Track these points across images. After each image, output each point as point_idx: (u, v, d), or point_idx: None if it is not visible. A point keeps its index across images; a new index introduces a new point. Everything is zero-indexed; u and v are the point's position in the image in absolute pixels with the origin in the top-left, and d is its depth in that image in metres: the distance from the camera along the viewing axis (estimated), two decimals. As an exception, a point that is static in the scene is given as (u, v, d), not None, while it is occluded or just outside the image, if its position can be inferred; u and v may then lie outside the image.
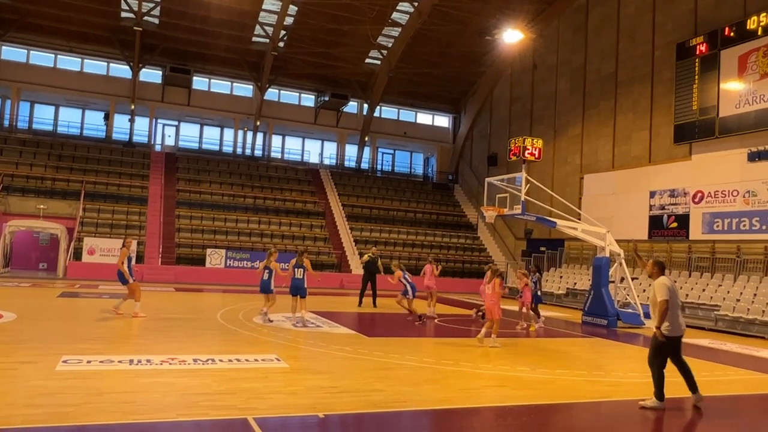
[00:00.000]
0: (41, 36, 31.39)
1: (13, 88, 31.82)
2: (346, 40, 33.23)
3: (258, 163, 35.56)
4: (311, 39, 32.91)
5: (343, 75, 35.87)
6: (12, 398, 6.36)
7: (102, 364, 8.10)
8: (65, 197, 27.58)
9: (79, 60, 33.29)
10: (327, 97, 35.93)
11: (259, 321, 13.61)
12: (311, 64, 34.73)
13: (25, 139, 31.05)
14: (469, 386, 8.20)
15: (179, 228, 28.25)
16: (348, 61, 34.95)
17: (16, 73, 31.73)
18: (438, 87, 37.82)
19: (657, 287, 7.39)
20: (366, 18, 31.34)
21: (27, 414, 5.75)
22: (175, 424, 5.81)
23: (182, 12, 30.49)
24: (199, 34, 31.85)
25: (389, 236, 32.14)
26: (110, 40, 31.88)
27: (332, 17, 31.34)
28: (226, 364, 8.65)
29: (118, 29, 31.32)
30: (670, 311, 7.25)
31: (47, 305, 14.96)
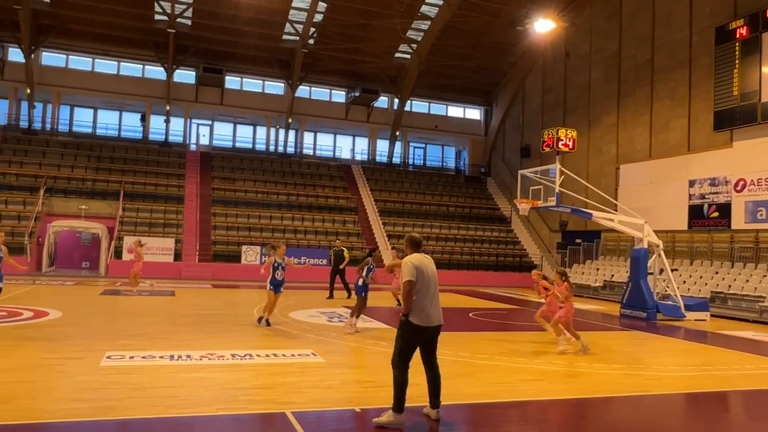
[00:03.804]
0: (79, 41, 32.21)
1: (53, 93, 32.76)
2: (375, 35, 33.22)
3: (290, 160, 35.88)
4: (341, 35, 32.99)
5: (373, 70, 35.87)
6: (59, 393, 6.59)
7: (144, 360, 8.31)
8: (105, 197, 28.31)
9: (115, 63, 34.08)
10: (357, 92, 36.01)
11: (306, 319, 13.73)
12: (341, 60, 34.82)
13: (66, 141, 31.95)
14: (505, 380, 8.15)
15: (215, 226, 28.72)
16: (378, 56, 34.93)
17: (56, 77, 32.66)
18: (469, 79, 37.51)
19: (402, 266, 6.08)
20: (395, 12, 31.26)
21: (74, 408, 5.95)
22: (216, 418, 5.93)
23: (214, 12, 30.90)
24: (231, 33, 32.25)
25: (422, 230, 32.06)
26: (145, 43, 32.53)
27: (361, 12, 31.37)
28: (264, 359, 8.78)
29: (152, 32, 31.93)
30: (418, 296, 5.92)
31: (90, 303, 15.40)
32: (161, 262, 25.57)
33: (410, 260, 6.06)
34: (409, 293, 5.89)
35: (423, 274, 6.00)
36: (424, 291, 5.97)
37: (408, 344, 5.95)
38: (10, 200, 26.75)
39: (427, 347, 6.11)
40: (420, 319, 5.91)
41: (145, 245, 25.66)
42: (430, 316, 5.99)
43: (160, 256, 25.79)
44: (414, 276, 5.92)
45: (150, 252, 25.77)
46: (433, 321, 6.01)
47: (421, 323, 5.91)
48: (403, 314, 5.95)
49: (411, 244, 6.31)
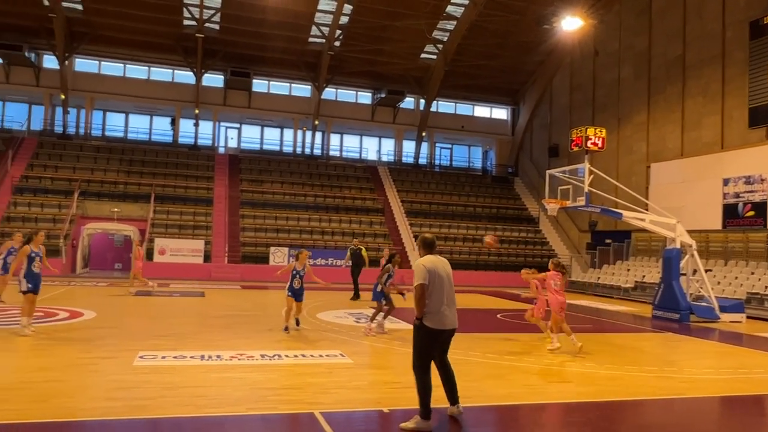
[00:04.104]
0: (111, 47, 32.92)
1: (87, 98, 33.55)
2: (401, 36, 33.23)
3: (317, 161, 36.11)
4: (366, 37, 33.10)
5: (398, 71, 35.90)
6: (94, 392, 6.74)
7: (175, 360, 8.45)
8: (136, 200, 28.86)
9: (146, 68, 34.75)
10: (383, 93, 36.07)
11: (332, 320, 13.80)
12: (367, 61, 34.93)
13: (99, 146, 32.67)
14: (534, 382, 8.08)
15: (243, 227, 29.05)
16: (403, 57, 34.94)
17: (89, 83, 33.44)
18: (495, 79, 37.26)
19: (414, 269, 5.94)
20: (420, 13, 31.27)
21: (108, 407, 6.08)
22: (246, 417, 6.00)
23: (241, 17, 31.29)
24: (258, 37, 32.61)
25: (449, 231, 31.98)
26: (174, 48, 33.09)
27: (387, 14, 31.42)
28: (292, 359, 8.85)
29: (181, 37, 32.47)
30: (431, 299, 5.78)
31: (123, 303, 15.71)
32: (191, 264, 25.98)
33: (422, 262, 5.88)
34: (422, 296, 5.72)
35: (436, 277, 5.82)
36: (438, 293, 5.81)
37: (425, 349, 5.83)
38: (45, 204, 27.47)
39: (440, 350, 6.01)
40: (434, 323, 5.77)
41: (174, 245, 26.13)
42: (445, 319, 5.84)
43: (190, 257, 26.21)
44: (426, 279, 5.75)
45: (180, 254, 26.24)
46: (447, 324, 5.87)
47: (435, 326, 5.77)
48: (416, 318, 5.80)
49: (423, 245, 6.12)
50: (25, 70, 32.23)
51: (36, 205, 27.34)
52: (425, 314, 5.75)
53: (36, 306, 10.61)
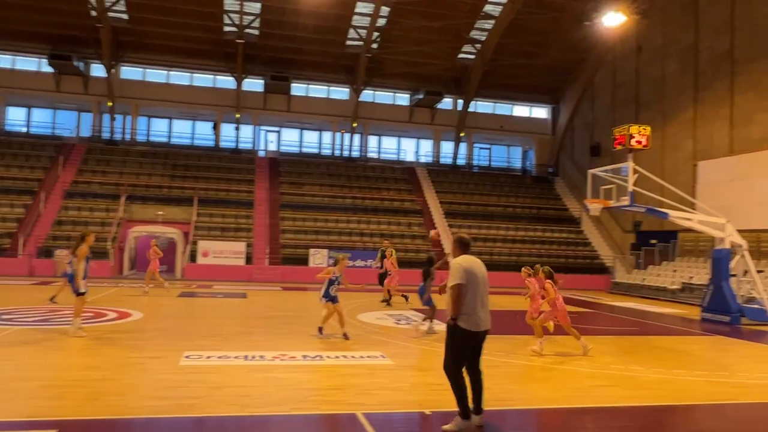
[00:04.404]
0: (155, 55, 33.80)
1: (132, 105, 34.52)
2: (438, 36, 33.12)
3: (356, 163, 36.29)
4: (404, 38, 33.10)
5: (436, 72, 35.78)
6: (142, 390, 6.93)
7: (220, 360, 8.61)
8: (180, 203, 29.53)
9: (188, 75, 35.57)
10: (421, 95, 36.01)
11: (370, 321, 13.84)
12: (404, 63, 34.93)
13: (144, 151, 33.58)
14: (579, 385, 7.92)
15: (284, 229, 29.40)
16: (441, 57, 34.81)
17: (134, 90, 34.40)
18: (535, 78, 36.77)
19: (451, 269, 5.85)
20: (458, 13, 31.12)
21: (156, 405, 6.23)
22: (290, 417, 6.07)
23: (280, 22, 31.71)
24: (296, 41, 32.99)
25: (488, 232, 31.68)
26: (215, 54, 33.75)
27: (424, 15, 31.37)
28: (334, 360, 8.91)
29: (222, 43, 33.10)
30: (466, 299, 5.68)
31: (169, 304, 16.09)
32: (233, 266, 26.43)
33: (460, 262, 5.81)
34: (459, 297, 5.65)
35: (473, 277, 5.75)
36: (474, 294, 5.73)
37: (459, 350, 5.75)
38: (94, 207, 28.37)
39: (473, 353, 5.88)
40: (469, 324, 5.69)
41: (217, 247, 26.62)
42: (480, 321, 5.75)
43: (232, 259, 26.66)
44: (464, 279, 5.68)
45: (222, 255, 26.72)
46: (481, 326, 5.79)
47: (470, 328, 5.69)
48: (451, 318, 5.70)
49: (460, 245, 6.02)
50: (74, 78, 33.38)
51: (85, 209, 28.26)
52: (460, 315, 5.69)
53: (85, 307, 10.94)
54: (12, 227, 26.22)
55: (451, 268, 5.83)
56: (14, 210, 27.40)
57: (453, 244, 6.14)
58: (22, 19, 30.55)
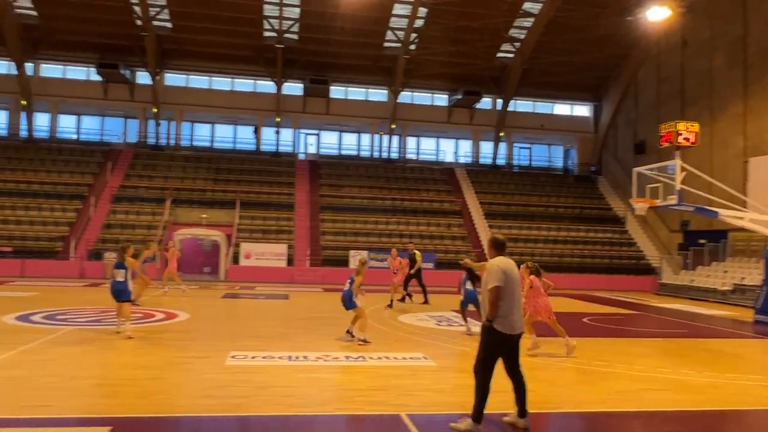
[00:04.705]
0: (197, 61, 34.59)
1: (176, 111, 35.39)
2: (476, 36, 32.88)
3: (394, 165, 36.34)
4: (442, 39, 32.99)
5: (475, 71, 35.52)
6: (190, 389, 7.09)
7: (264, 360, 8.74)
8: (223, 206, 30.11)
9: (229, 80, 36.27)
10: (460, 95, 35.82)
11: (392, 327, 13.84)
12: (443, 63, 34.80)
13: (188, 155, 34.37)
14: (626, 389, 7.74)
15: (324, 231, 29.66)
16: (479, 57, 34.56)
17: (178, 97, 35.26)
18: (576, 75, 36.12)
19: (488, 270, 5.80)
20: (496, 12, 30.85)
21: (205, 404, 6.37)
22: (334, 417, 6.13)
23: (318, 26, 32.02)
24: (335, 45, 33.25)
25: (529, 233, 31.27)
26: (255, 59, 34.31)
27: (462, 15, 31.20)
28: (376, 361, 8.94)
29: (262, 48, 33.63)
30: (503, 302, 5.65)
31: (213, 305, 16.43)
32: (275, 267, 26.79)
33: (498, 264, 5.77)
34: (498, 299, 5.62)
35: (509, 279, 5.72)
36: (510, 297, 5.70)
37: (492, 353, 5.74)
38: (140, 211, 29.19)
39: (511, 355, 5.87)
40: (504, 327, 5.68)
41: (259, 249, 27.04)
42: (515, 323, 5.75)
43: (273, 261, 27.03)
44: (503, 281, 5.65)
45: (264, 257, 27.12)
46: (516, 329, 5.78)
47: (505, 331, 5.68)
48: (487, 320, 5.69)
49: (495, 245, 5.99)
50: (121, 86, 34.43)
51: (132, 213, 29.10)
52: (496, 318, 5.66)
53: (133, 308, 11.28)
54: (64, 231, 27.20)
55: (490, 270, 5.78)
56: (66, 214, 28.42)
57: (488, 245, 6.10)
58: (72, 31, 31.68)
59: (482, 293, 5.92)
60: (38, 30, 31.93)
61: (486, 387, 5.71)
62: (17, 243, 26.00)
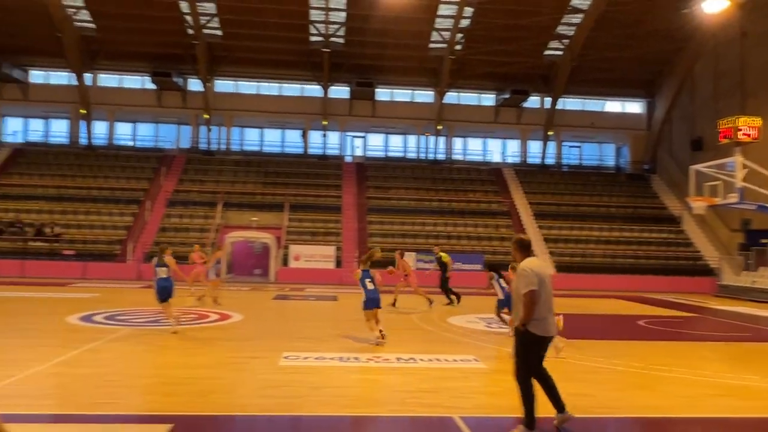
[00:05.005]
0: (246, 67, 35.31)
1: (226, 116, 36.23)
2: (523, 34, 32.42)
3: (441, 166, 36.20)
4: (488, 38, 32.67)
5: (522, 70, 35.03)
6: (247, 389, 7.24)
7: (317, 361, 8.84)
8: (272, 209, 30.62)
9: (277, 85, 36.92)
10: (507, 94, 35.39)
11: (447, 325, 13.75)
12: (489, 62, 34.45)
13: (238, 160, 35.13)
14: (688, 394, 7.48)
15: (371, 233, 29.78)
16: (527, 55, 34.07)
17: (228, 102, 36.10)
18: (627, 71, 35.15)
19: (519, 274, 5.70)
20: (544, 9, 30.36)
21: (261, 403, 6.50)
22: (388, 419, 6.14)
23: (364, 29, 32.22)
24: (380, 47, 33.39)
25: (580, 233, 30.61)
26: (302, 64, 34.79)
27: (508, 13, 30.84)
28: (427, 363, 8.92)
29: (308, 53, 34.08)
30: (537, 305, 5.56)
31: (265, 307, 16.73)
32: (323, 269, 27.06)
33: (530, 266, 5.66)
34: (533, 303, 5.53)
35: (542, 281, 5.63)
36: (544, 299, 5.61)
37: (533, 356, 5.69)
38: (194, 215, 30.00)
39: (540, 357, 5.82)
40: (539, 329, 5.60)
41: (308, 251, 27.38)
42: (549, 326, 5.67)
43: (322, 263, 27.32)
44: (536, 284, 5.55)
45: (313, 259, 27.44)
46: (551, 331, 5.71)
47: (540, 333, 5.61)
48: (522, 324, 5.60)
49: (521, 247, 5.89)
50: (173, 94, 35.50)
51: (186, 216, 29.94)
52: (531, 321, 5.57)
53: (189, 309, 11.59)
54: (122, 234, 28.21)
55: (521, 274, 5.67)
56: (123, 218, 29.48)
57: (513, 247, 5.99)
58: (128, 41, 32.87)
59: (514, 297, 5.84)
60: (96, 42, 33.26)
61: (531, 390, 5.65)
62: (79, 246, 27.11)
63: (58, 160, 33.21)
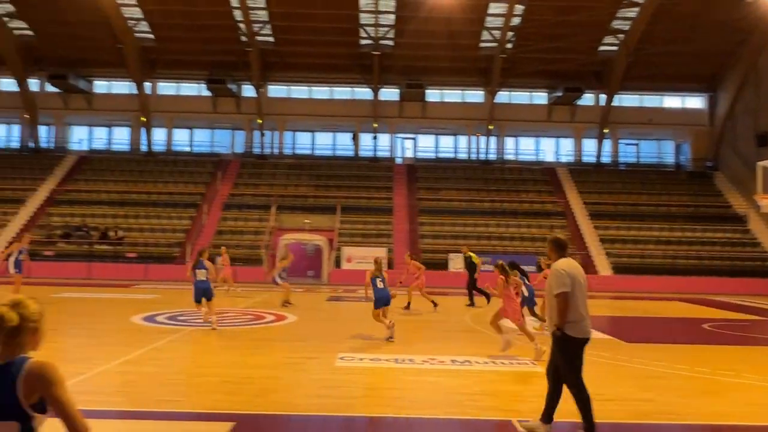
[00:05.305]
0: (297, 72, 35.89)
1: (278, 121, 36.92)
2: (576, 30, 31.71)
3: (492, 166, 35.82)
4: (539, 35, 32.14)
5: (575, 67, 34.27)
6: (304, 389, 7.35)
7: (372, 362, 8.89)
8: (324, 211, 30.97)
9: (328, 89, 37.36)
10: (560, 92, 34.71)
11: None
12: (541, 60, 33.85)
13: (290, 163, 35.74)
14: (760, 401, 7.15)
15: (422, 235, 29.75)
16: (580, 52, 33.33)
17: (280, 107, 36.77)
18: (686, 65, 33.88)
19: (552, 275, 5.53)
20: (598, 4, 29.65)
21: (320, 403, 6.58)
22: (445, 421, 6.11)
23: (413, 30, 32.20)
24: (430, 48, 33.33)
25: (638, 233, 29.70)
26: (352, 67, 35.09)
27: (561, 9, 30.25)
28: (483, 365, 8.83)
29: (358, 56, 34.36)
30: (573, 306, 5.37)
31: (319, 308, 16.95)
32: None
33: (563, 267, 5.49)
34: (566, 305, 5.36)
35: (577, 283, 5.46)
36: (580, 300, 5.44)
37: (575, 359, 5.51)
38: (248, 218, 30.69)
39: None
40: (577, 331, 5.44)
41: (359, 253, 27.54)
42: (586, 327, 5.50)
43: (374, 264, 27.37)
44: (569, 286, 5.39)
45: (365, 261, 27.48)
46: (588, 332, 5.52)
47: (578, 335, 5.44)
48: (557, 328, 5.43)
49: (557, 247, 5.71)
50: (228, 100, 36.43)
51: (241, 219, 30.66)
52: (566, 324, 5.41)
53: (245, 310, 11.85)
54: (180, 237, 29.13)
55: (554, 275, 5.52)
56: (182, 222, 30.44)
57: (549, 247, 5.83)
58: (185, 50, 33.95)
59: (547, 299, 5.70)
60: (155, 51, 34.50)
61: (586, 395, 5.49)
62: (140, 249, 28.17)
63: (120, 166, 34.60)
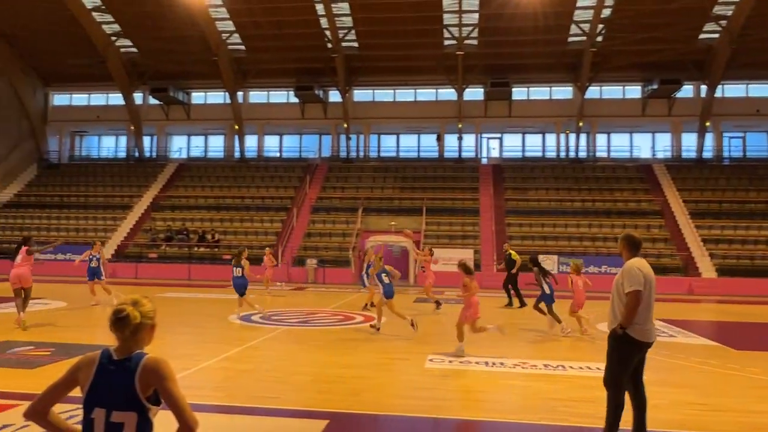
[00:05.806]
0: (382, 76, 36.26)
1: (364, 125, 37.47)
2: (673, 18, 30.00)
3: (583, 164, 34.58)
4: (632, 26, 30.67)
5: (672, 57, 32.41)
6: (395, 389, 7.41)
7: (461, 365, 8.82)
8: (410, 213, 31.08)
9: (412, 91, 37.49)
10: (655, 84, 32.98)
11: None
12: (634, 52, 32.30)
13: (376, 166, 36.15)
14: None
15: (510, 236, 29.16)
16: (677, 41, 31.49)
17: (365, 111, 37.31)
18: (799, 49, 31.23)
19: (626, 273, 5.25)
20: (697, -11, 27.94)
21: (410, 404, 6.61)
22: (538, 426, 5.96)
23: (498, 28, 31.70)
24: (515, 45, 32.65)
25: (747, 233, 27.66)
26: (436, 69, 34.98)
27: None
28: (577, 371, 8.53)
29: (442, 57, 34.20)
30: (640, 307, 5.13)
31: (406, 309, 16.92)
32: (458, 273, 26.87)
33: (637, 266, 5.30)
34: (637, 304, 5.16)
35: (648, 284, 5.26)
36: (648, 302, 5.25)
37: (627, 362, 5.28)
38: (336, 220, 31.34)
39: (638, 366, 5.42)
40: (640, 334, 5.22)
41: (446, 255, 27.40)
42: (650, 331, 5.30)
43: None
44: (642, 285, 5.19)
45: (451, 263, 27.21)
46: (652, 336, 5.33)
47: (641, 338, 5.22)
48: (621, 327, 5.21)
49: (630, 245, 5.51)
50: (315, 106, 37.40)
51: (329, 222, 31.37)
52: (632, 325, 5.19)
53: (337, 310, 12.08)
54: (272, 240, 30.19)
55: (628, 272, 5.30)
56: (273, 225, 31.55)
57: (622, 244, 5.59)
58: (273, 60, 35.17)
59: (614, 297, 5.42)
60: (246, 62, 36.00)
61: (621, 401, 5.29)
62: (235, 251, 29.33)
63: (215, 172, 36.38)
